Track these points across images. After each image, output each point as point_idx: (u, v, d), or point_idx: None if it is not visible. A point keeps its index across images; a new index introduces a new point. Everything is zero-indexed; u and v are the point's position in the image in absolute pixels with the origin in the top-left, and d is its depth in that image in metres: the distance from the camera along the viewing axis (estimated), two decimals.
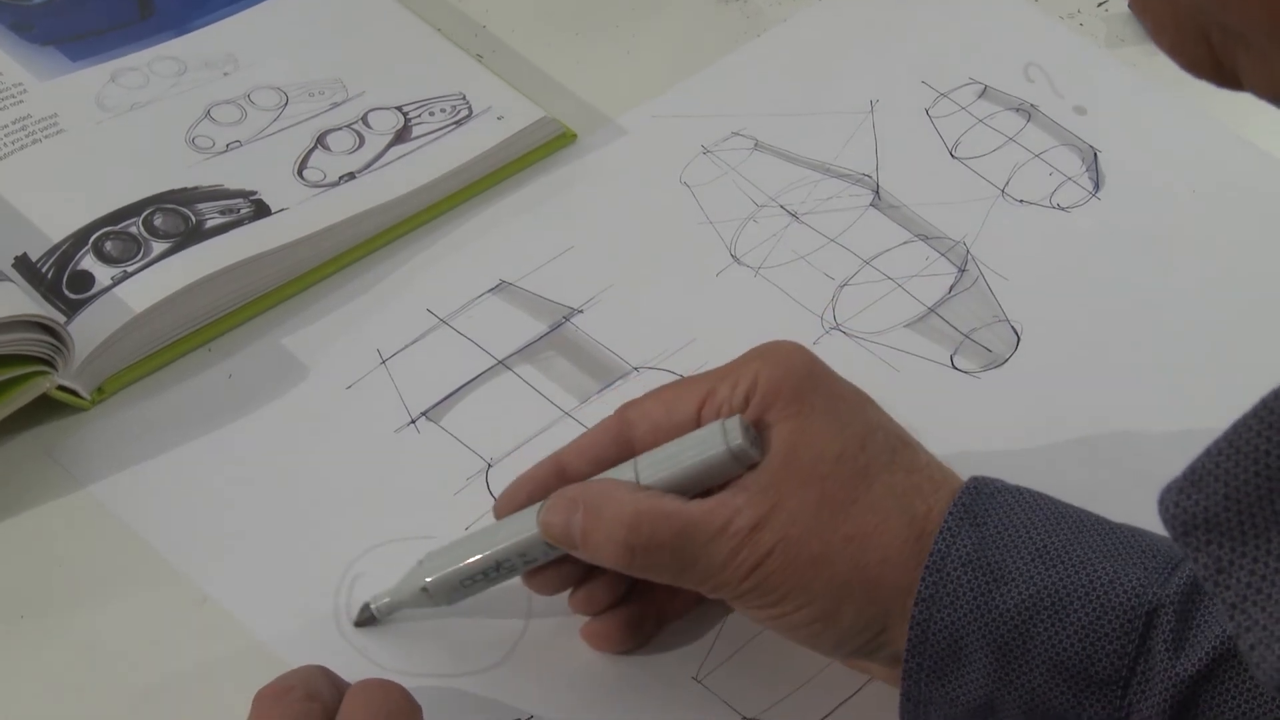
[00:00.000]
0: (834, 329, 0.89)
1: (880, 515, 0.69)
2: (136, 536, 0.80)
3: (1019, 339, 0.89)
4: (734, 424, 0.70)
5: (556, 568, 0.74)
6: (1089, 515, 0.70)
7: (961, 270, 0.91)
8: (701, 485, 0.71)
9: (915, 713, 0.70)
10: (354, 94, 0.96)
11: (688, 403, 0.73)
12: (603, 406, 0.84)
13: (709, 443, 0.70)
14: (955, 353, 0.88)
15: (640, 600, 0.76)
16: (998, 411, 0.86)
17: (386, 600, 0.76)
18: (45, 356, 0.81)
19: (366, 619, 0.76)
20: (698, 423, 0.72)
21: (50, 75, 0.95)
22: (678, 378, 0.76)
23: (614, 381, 0.86)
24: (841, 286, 0.90)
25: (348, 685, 0.69)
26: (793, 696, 0.75)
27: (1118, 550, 0.68)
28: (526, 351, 0.87)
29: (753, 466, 0.70)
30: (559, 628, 0.77)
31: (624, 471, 0.72)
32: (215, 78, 0.96)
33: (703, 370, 0.75)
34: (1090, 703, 0.67)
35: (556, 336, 0.88)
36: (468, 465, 0.83)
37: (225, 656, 0.76)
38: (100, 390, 0.84)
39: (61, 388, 0.82)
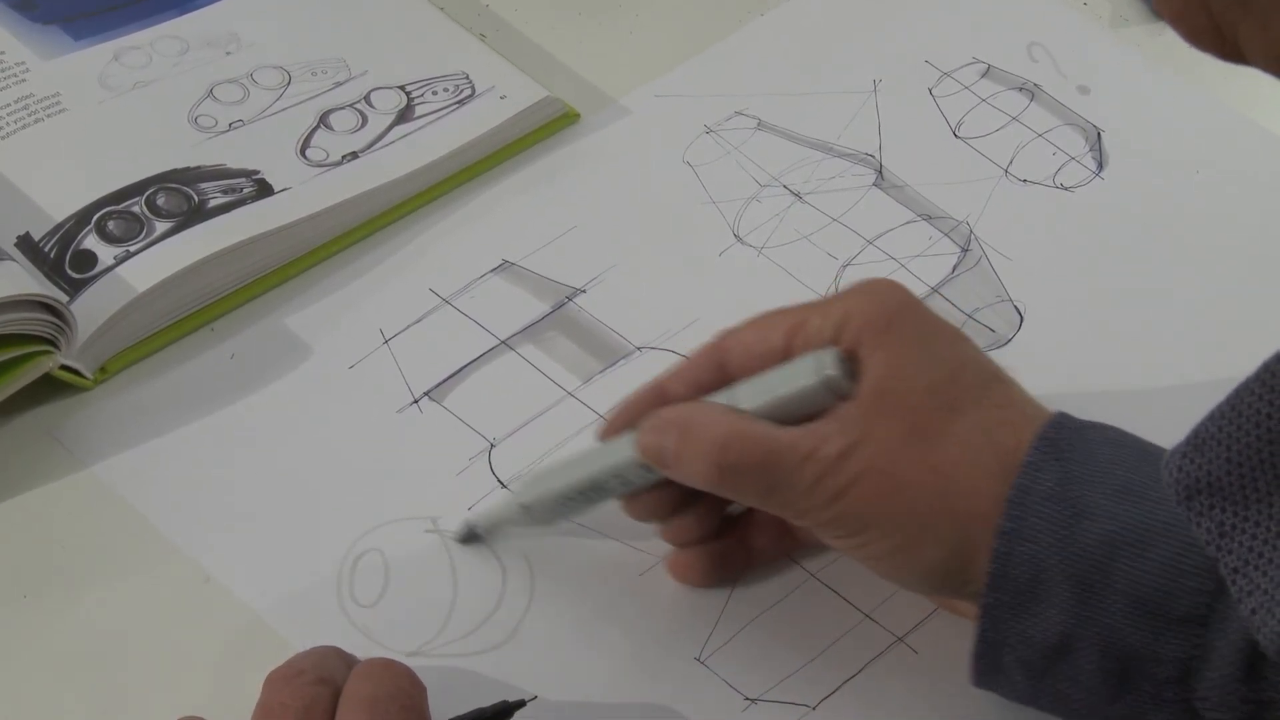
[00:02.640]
0: None
1: (968, 448, 0.69)
2: (139, 516, 0.80)
3: (1022, 319, 0.89)
4: (829, 356, 0.70)
5: (653, 495, 0.75)
6: None
7: (965, 250, 0.91)
8: (795, 414, 0.71)
9: (991, 655, 0.69)
10: (357, 73, 0.96)
11: (781, 332, 0.73)
12: (606, 386, 0.85)
13: (802, 373, 0.71)
14: None
15: (728, 537, 0.77)
16: None
17: (488, 519, 0.77)
18: (48, 336, 0.81)
19: (471, 536, 0.78)
20: (789, 352, 0.72)
21: (53, 54, 0.95)
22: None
23: (617, 361, 0.86)
24: (845, 266, 0.90)
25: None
26: (795, 677, 0.75)
27: None
28: (529, 331, 0.87)
29: (845, 398, 0.70)
30: (563, 608, 0.77)
31: (721, 399, 0.73)
32: (218, 57, 0.96)
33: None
34: (1168, 640, 0.66)
35: (559, 316, 0.88)
36: (470, 445, 0.83)
37: (228, 636, 0.76)
38: (103, 370, 0.84)
39: (64, 367, 0.82)
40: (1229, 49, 0.54)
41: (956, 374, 0.71)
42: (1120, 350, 0.88)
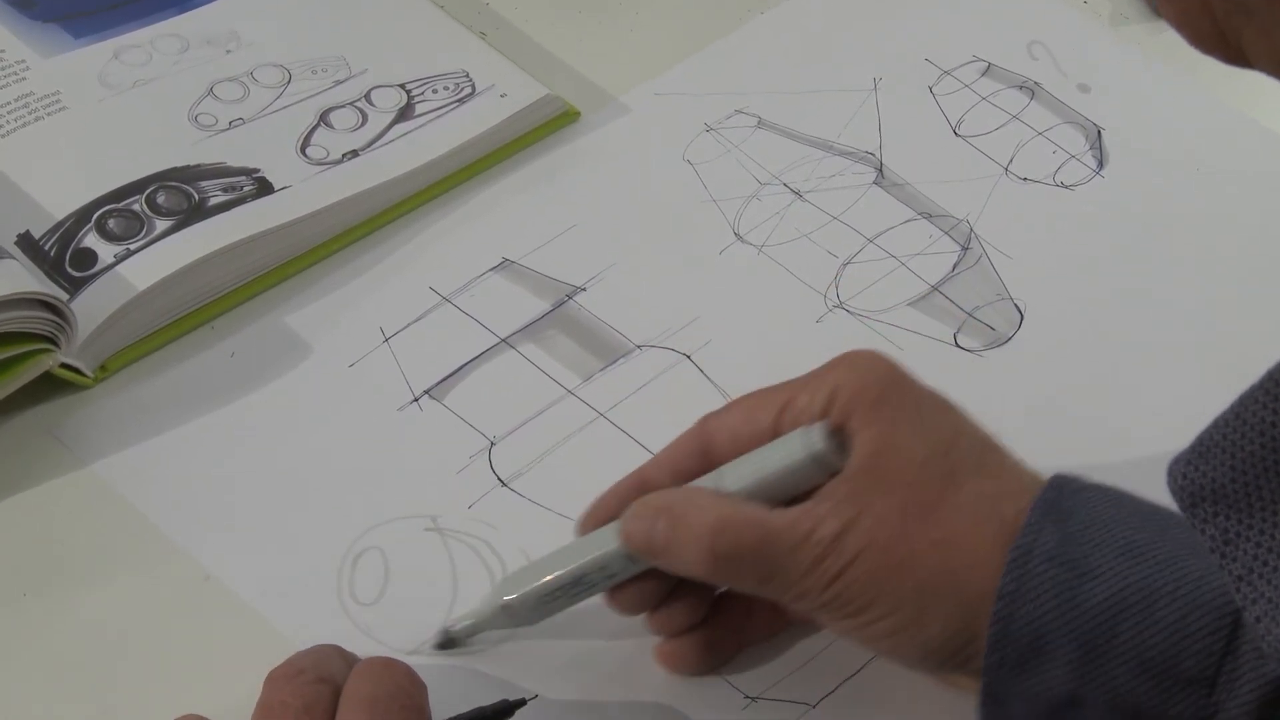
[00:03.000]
0: (837, 307, 0.89)
1: (968, 520, 0.68)
2: (139, 515, 0.80)
3: (1022, 317, 0.89)
4: (817, 430, 0.69)
5: (639, 586, 0.73)
6: (1172, 513, 0.68)
7: (965, 248, 0.91)
8: (785, 493, 0.70)
9: (995, 710, 0.68)
10: (357, 71, 0.96)
11: (767, 412, 0.72)
12: (606, 384, 0.85)
13: (791, 448, 0.70)
14: (958, 331, 0.88)
15: (718, 623, 0.75)
16: (1001, 390, 0.85)
17: (469, 622, 0.75)
18: (48, 334, 0.81)
19: (447, 642, 0.75)
20: (777, 432, 0.71)
21: (53, 52, 0.95)
22: (754, 389, 0.74)
23: (617, 359, 0.86)
24: (845, 265, 0.90)
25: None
26: (795, 675, 0.75)
27: (1204, 548, 0.67)
28: (529, 330, 0.87)
29: (836, 474, 0.69)
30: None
31: (706, 483, 0.71)
32: (218, 55, 0.96)
33: (707, 348, 0.75)
34: (1177, 701, 0.66)
35: (559, 314, 0.88)
36: (471, 443, 0.83)
37: (228, 634, 0.76)
38: (103, 368, 0.84)
39: (64, 366, 0.82)
40: (1233, 53, 0.54)
41: (951, 445, 0.70)
42: (1120, 348, 0.88)
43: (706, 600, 0.74)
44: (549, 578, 0.73)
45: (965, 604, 0.67)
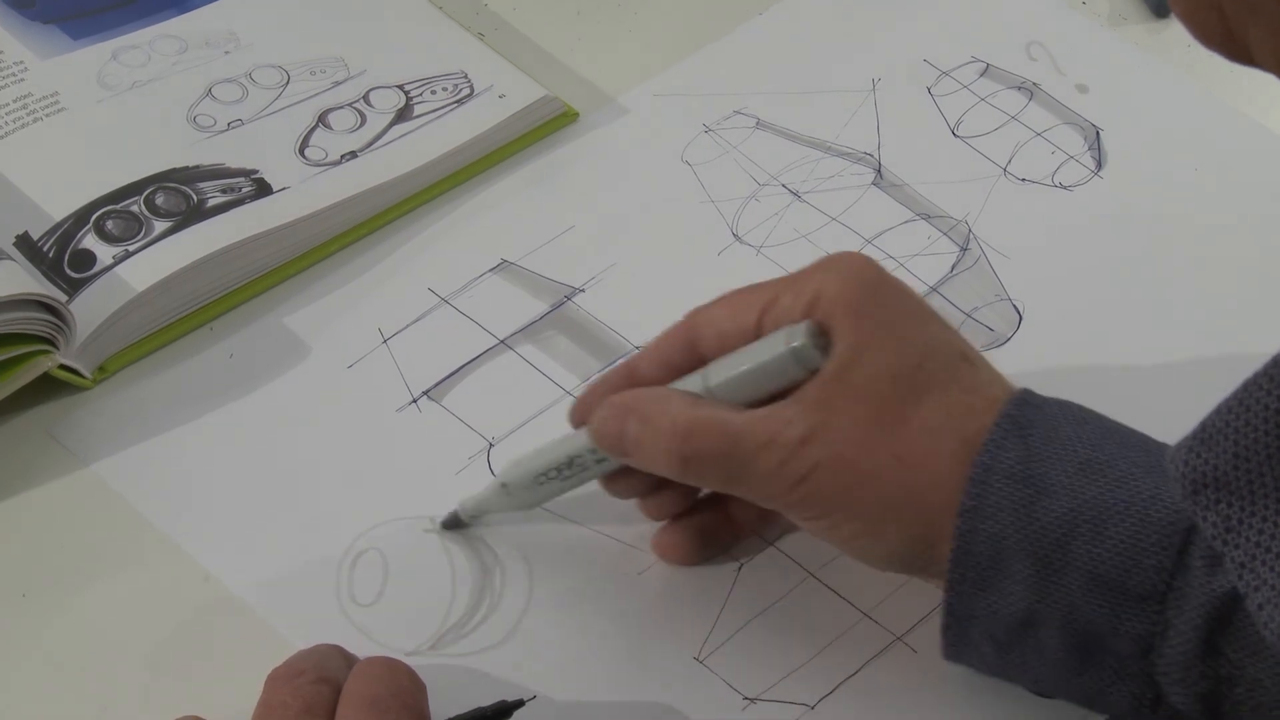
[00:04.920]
0: None
1: (931, 436, 0.69)
2: (138, 515, 0.80)
3: (1021, 318, 0.89)
4: (800, 328, 0.70)
5: (631, 471, 0.75)
6: (1134, 433, 0.70)
7: (963, 249, 0.91)
8: (768, 390, 0.71)
9: (958, 628, 0.70)
10: (355, 72, 0.96)
11: (751, 309, 0.73)
12: None
13: (773, 344, 0.71)
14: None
15: (711, 510, 0.77)
16: None
17: (472, 503, 0.78)
18: (47, 335, 0.81)
19: (453, 520, 0.78)
20: (760, 330, 0.72)
21: (51, 53, 0.95)
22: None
23: (615, 360, 0.86)
24: None
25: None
26: (794, 676, 0.75)
27: (1160, 467, 0.68)
28: (528, 331, 0.87)
29: (815, 371, 0.70)
30: (562, 608, 0.77)
31: (695, 379, 0.73)
32: (216, 56, 0.96)
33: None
34: (1127, 616, 0.67)
35: (558, 316, 0.88)
36: (469, 444, 0.83)
37: (228, 635, 0.76)
38: (102, 369, 0.84)
39: (63, 367, 0.82)
40: (1239, 50, 0.54)
41: (924, 358, 0.70)
42: (1119, 349, 0.88)
43: (695, 488, 0.76)
44: (542, 461, 0.76)
45: (925, 518, 0.69)
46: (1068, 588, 0.67)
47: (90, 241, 0.85)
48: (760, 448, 0.70)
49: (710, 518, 0.78)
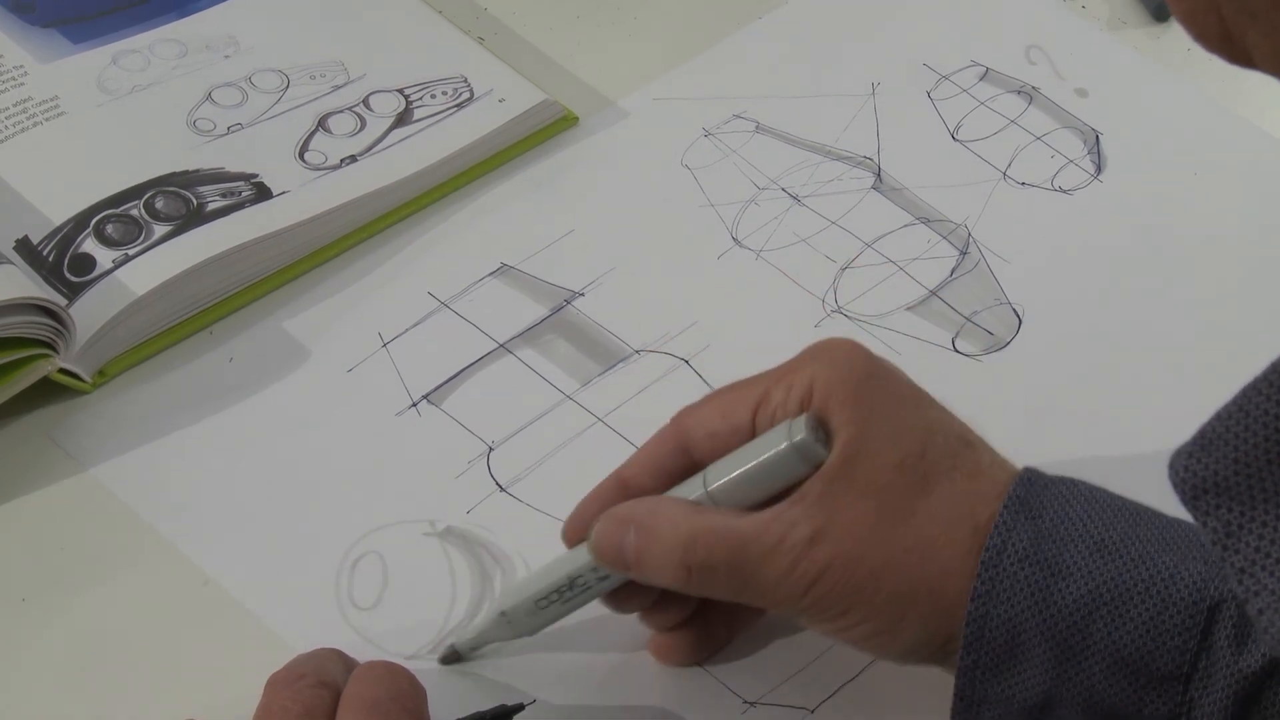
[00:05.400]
0: (835, 312, 0.89)
1: (941, 525, 0.67)
2: (138, 519, 0.80)
3: (1020, 322, 0.89)
4: (800, 422, 0.69)
5: (635, 586, 0.72)
6: (1145, 508, 0.69)
7: (963, 253, 0.91)
8: (770, 489, 0.69)
9: (969, 713, 0.68)
10: (355, 76, 0.96)
11: (744, 407, 0.71)
12: (604, 389, 0.85)
13: (774, 441, 0.69)
14: (957, 336, 0.88)
15: (709, 614, 0.75)
16: (999, 394, 0.85)
17: (472, 635, 0.74)
18: (46, 339, 0.81)
19: (451, 656, 0.75)
20: (754, 428, 0.71)
21: (51, 57, 0.95)
22: (729, 383, 0.74)
23: (615, 364, 0.86)
24: (843, 269, 0.90)
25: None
26: (794, 680, 0.75)
27: (1177, 544, 0.67)
28: (528, 335, 0.87)
29: (819, 465, 0.68)
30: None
31: (694, 484, 0.71)
32: (216, 60, 0.96)
33: (705, 352, 0.74)
34: (1151, 699, 0.66)
35: (558, 319, 0.88)
36: (469, 448, 0.83)
37: (227, 639, 0.76)
38: (101, 373, 0.84)
39: (63, 371, 0.82)
40: (1237, 53, 0.54)
41: (926, 445, 0.69)
42: (1119, 353, 0.88)
43: (696, 598, 0.74)
44: (541, 584, 0.73)
45: (941, 609, 0.67)
46: (1089, 671, 0.66)
47: (90, 245, 0.85)
48: (768, 552, 0.68)
49: (707, 622, 0.75)
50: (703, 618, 0.75)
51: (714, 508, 0.70)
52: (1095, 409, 0.85)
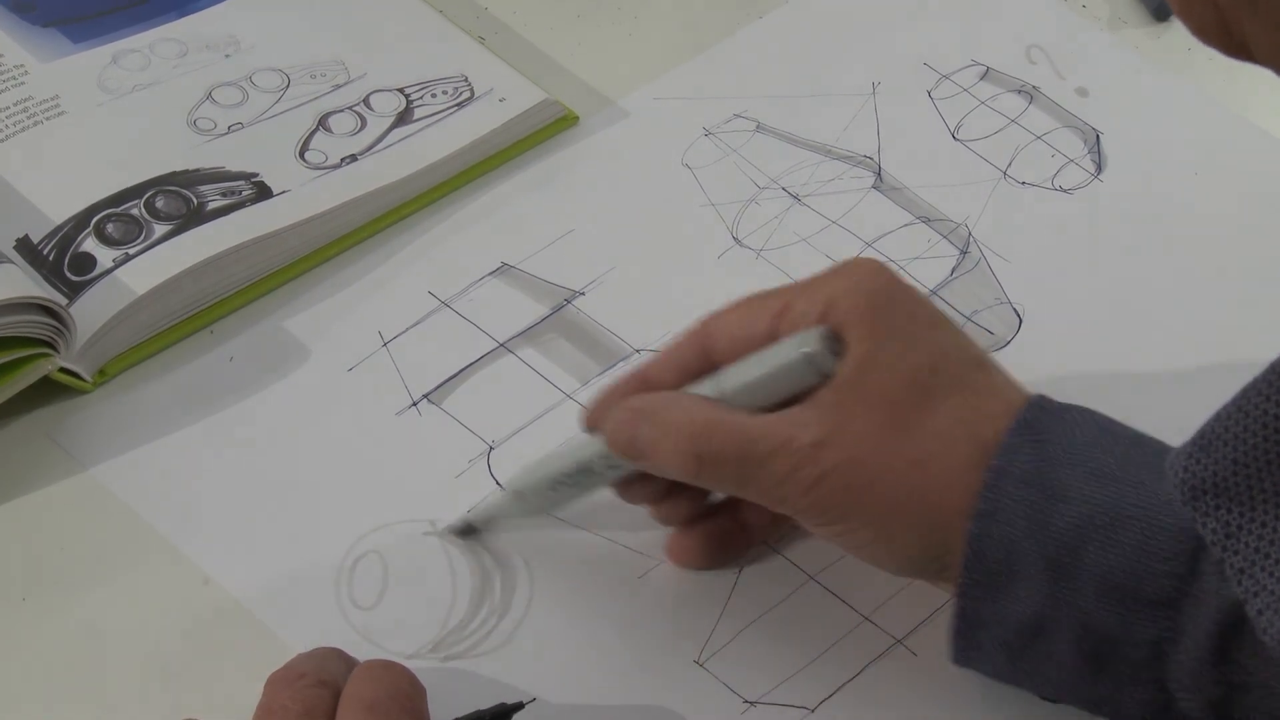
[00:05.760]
0: None
1: (944, 440, 0.69)
2: (138, 519, 0.80)
3: (1021, 321, 0.89)
4: (813, 333, 0.70)
5: (644, 477, 0.75)
6: (1150, 439, 0.70)
7: (963, 252, 0.91)
8: (781, 395, 0.71)
9: (968, 633, 0.69)
10: (356, 76, 0.96)
11: (765, 315, 0.72)
12: None
13: (786, 351, 0.70)
14: None
15: (724, 516, 0.77)
16: None
17: (483, 510, 0.77)
18: (47, 339, 0.81)
19: (465, 528, 0.78)
20: (773, 335, 0.72)
21: (52, 57, 0.95)
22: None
23: (616, 364, 0.86)
24: None
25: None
26: (794, 679, 0.75)
27: None
28: (528, 334, 0.87)
29: (829, 376, 0.70)
30: (563, 611, 0.77)
31: (707, 383, 0.73)
32: (217, 59, 0.96)
33: None
34: (1140, 623, 0.67)
35: (558, 319, 0.88)
36: (469, 448, 0.83)
37: (227, 638, 0.76)
38: (102, 373, 0.84)
39: (63, 370, 0.82)
40: (1235, 46, 0.54)
41: (938, 362, 0.70)
42: (1119, 352, 0.88)
43: (705, 494, 0.76)
44: (556, 468, 0.75)
45: (939, 522, 0.68)
46: (1080, 594, 0.67)
47: (90, 245, 0.85)
48: (774, 451, 0.69)
49: (723, 523, 0.78)
50: (716, 519, 0.77)
51: (726, 405, 0.72)
52: (1096, 408, 0.85)
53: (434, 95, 0.95)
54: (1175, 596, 0.66)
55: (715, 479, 0.72)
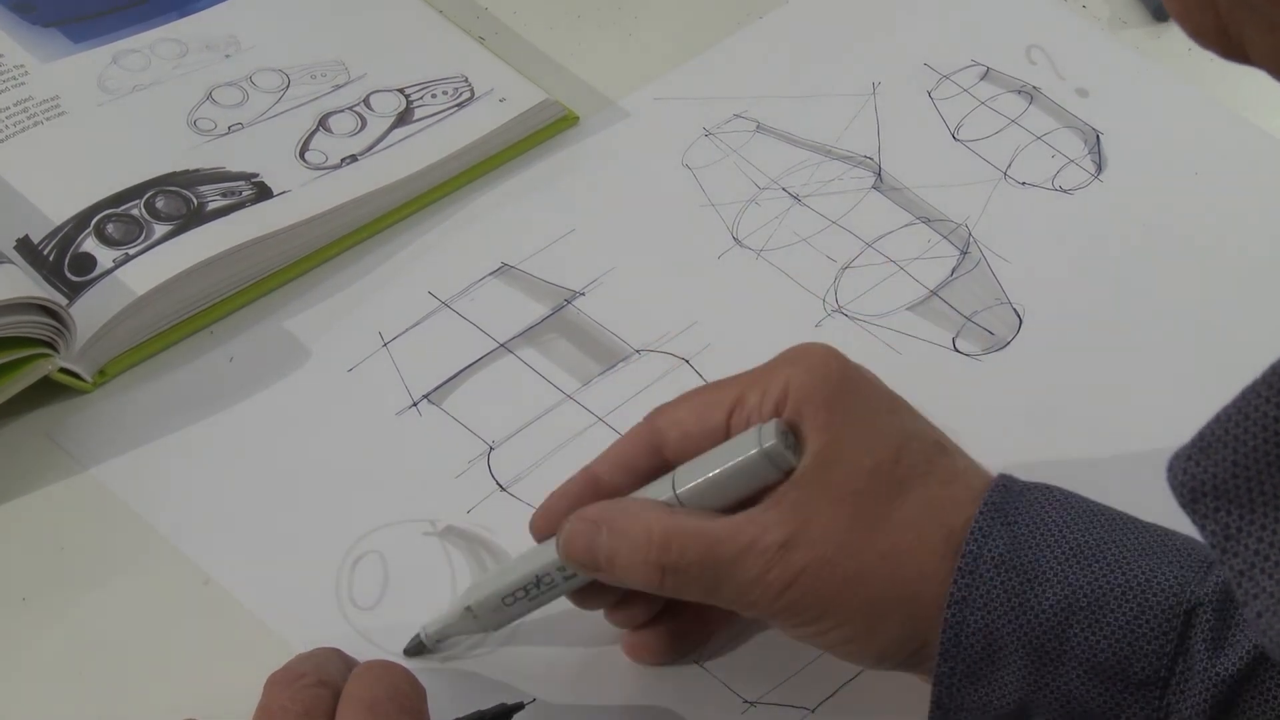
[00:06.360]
0: (836, 311, 0.89)
1: (915, 531, 0.67)
2: (138, 519, 0.80)
3: (1021, 321, 0.89)
4: (770, 428, 0.68)
5: (601, 585, 0.72)
6: (1120, 514, 0.69)
7: (964, 253, 0.91)
8: (739, 495, 0.69)
9: None
10: (356, 76, 0.96)
11: (718, 409, 0.71)
12: (605, 389, 0.85)
13: (744, 446, 0.69)
14: (957, 335, 0.88)
15: (683, 613, 0.75)
16: (999, 394, 0.85)
17: (436, 627, 0.74)
18: (47, 339, 0.81)
19: (416, 647, 0.75)
20: (728, 431, 0.70)
21: (52, 57, 0.95)
22: (702, 383, 0.74)
23: (616, 364, 0.86)
24: (843, 269, 0.90)
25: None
26: (793, 680, 0.75)
27: (1153, 548, 0.67)
28: (528, 334, 0.87)
29: (789, 472, 0.68)
30: (562, 611, 0.77)
31: (663, 485, 0.71)
32: (217, 60, 0.96)
33: (705, 352, 0.74)
34: (1128, 704, 0.66)
35: (558, 319, 0.88)
36: (469, 448, 0.83)
37: (227, 638, 0.76)
38: (102, 373, 0.84)
39: (63, 370, 0.82)
40: (1233, 48, 0.54)
41: (900, 450, 0.69)
42: (1119, 353, 0.88)
43: (661, 599, 0.74)
44: (507, 580, 0.73)
45: (916, 614, 0.67)
46: (1065, 677, 0.66)
47: (91, 245, 0.85)
48: (741, 554, 0.67)
49: (682, 621, 0.75)
50: (673, 616, 0.75)
51: (684, 509, 0.70)
52: (1095, 409, 0.85)
53: (434, 95, 0.95)
54: (1165, 676, 0.66)
55: (680, 587, 0.69)
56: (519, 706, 0.71)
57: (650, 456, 0.72)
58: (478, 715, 0.70)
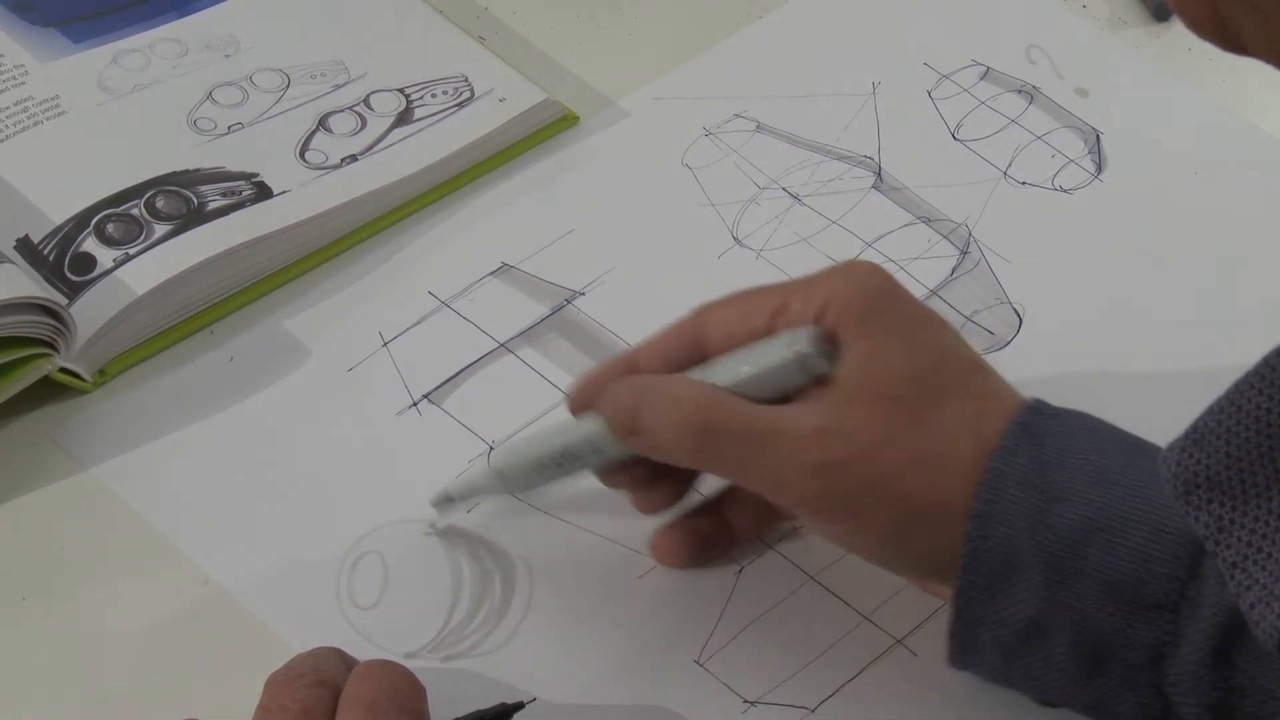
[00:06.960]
0: None
1: (950, 438, 0.68)
2: (138, 518, 0.80)
3: (1021, 321, 0.89)
4: (804, 333, 0.70)
5: (627, 467, 0.74)
6: (1147, 443, 0.70)
7: (963, 252, 0.91)
8: (770, 393, 0.70)
9: (966, 634, 0.69)
10: (356, 76, 0.96)
11: (762, 312, 0.72)
12: None
13: (776, 349, 0.70)
14: None
15: (708, 515, 0.77)
16: None
17: (463, 484, 0.77)
18: (47, 339, 0.81)
19: (444, 500, 0.77)
20: (770, 333, 0.71)
21: (51, 57, 0.95)
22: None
23: None
24: None
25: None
26: (794, 679, 0.75)
27: None
28: (528, 334, 0.87)
29: (821, 380, 0.70)
30: (563, 611, 0.77)
31: (694, 374, 0.72)
32: (217, 59, 0.96)
33: None
34: (1139, 626, 0.67)
35: (558, 319, 0.88)
36: (469, 448, 0.83)
37: (227, 638, 0.76)
38: (102, 373, 0.84)
39: (63, 370, 0.82)
40: (1230, 39, 0.54)
41: (938, 363, 0.70)
42: (1119, 352, 0.88)
43: (686, 483, 0.76)
44: (540, 449, 0.74)
45: (948, 520, 0.68)
46: (1079, 595, 0.67)
47: (91, 245, 0.85)
48: (779, 432, 0.69)
49: (707, 522, 0.78)
50: (699, 518, 0.77)
51: (725, 391, 0.71)
52: (1095, 408, 0.85)
53: (434, 95, 0.95)
54: (1175, 600, 0.66)
55: (716, 458, 0.71)
56: (519, 706, 0.71)
57: (690, 350, 0.73)
58: (477, 715, 0.70)
